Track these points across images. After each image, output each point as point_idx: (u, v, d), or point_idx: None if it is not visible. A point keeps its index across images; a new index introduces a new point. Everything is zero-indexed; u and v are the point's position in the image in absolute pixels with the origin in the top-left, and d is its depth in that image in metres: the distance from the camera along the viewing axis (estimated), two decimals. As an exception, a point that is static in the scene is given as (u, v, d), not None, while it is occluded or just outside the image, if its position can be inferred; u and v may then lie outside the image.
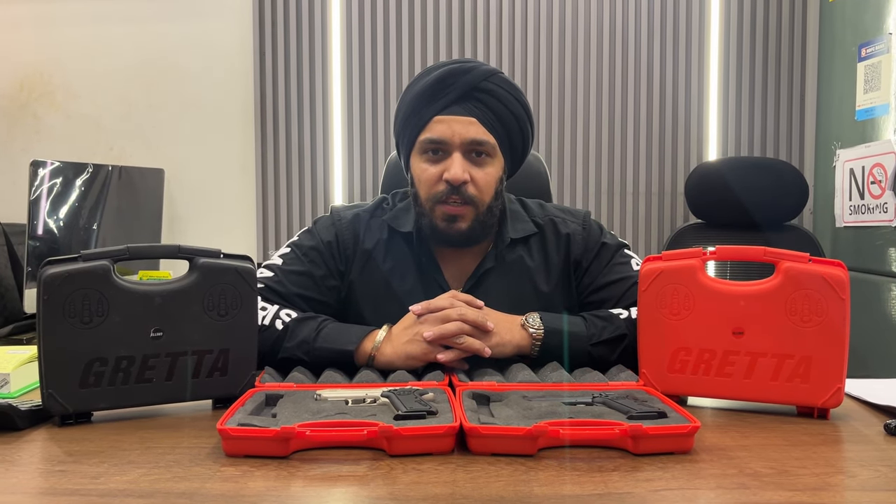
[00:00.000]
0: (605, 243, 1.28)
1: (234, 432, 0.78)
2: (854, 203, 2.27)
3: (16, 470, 0.76)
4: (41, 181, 1.89)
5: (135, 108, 2.76)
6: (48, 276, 0.89)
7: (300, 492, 0.70)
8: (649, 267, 1.00)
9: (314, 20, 2.68)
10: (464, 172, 1.17)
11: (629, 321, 1.14)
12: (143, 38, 2.74)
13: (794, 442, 0.84)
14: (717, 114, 2.66)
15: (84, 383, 0.90)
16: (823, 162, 2.51)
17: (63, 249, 1.94)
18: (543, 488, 0.70)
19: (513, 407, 0.89)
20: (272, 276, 1.22)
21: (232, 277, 0.98)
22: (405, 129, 1.23)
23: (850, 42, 2.32)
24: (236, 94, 2.73)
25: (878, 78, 2.15)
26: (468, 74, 1.19)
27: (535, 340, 1.11)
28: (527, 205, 1.33)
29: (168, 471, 0.75)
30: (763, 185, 2.18)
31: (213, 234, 2.75)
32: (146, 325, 0.93)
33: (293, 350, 1.11)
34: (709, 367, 0.97)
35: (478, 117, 1.18)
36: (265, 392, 0.95)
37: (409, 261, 1.26)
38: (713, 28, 2.65)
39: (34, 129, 2.80)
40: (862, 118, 2.24)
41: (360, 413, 0.86)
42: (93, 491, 0.70)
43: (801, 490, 0.70)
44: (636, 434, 0.78)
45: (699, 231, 2.27)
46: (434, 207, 1.19)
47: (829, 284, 0.93)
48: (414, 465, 0.76)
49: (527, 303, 1.23)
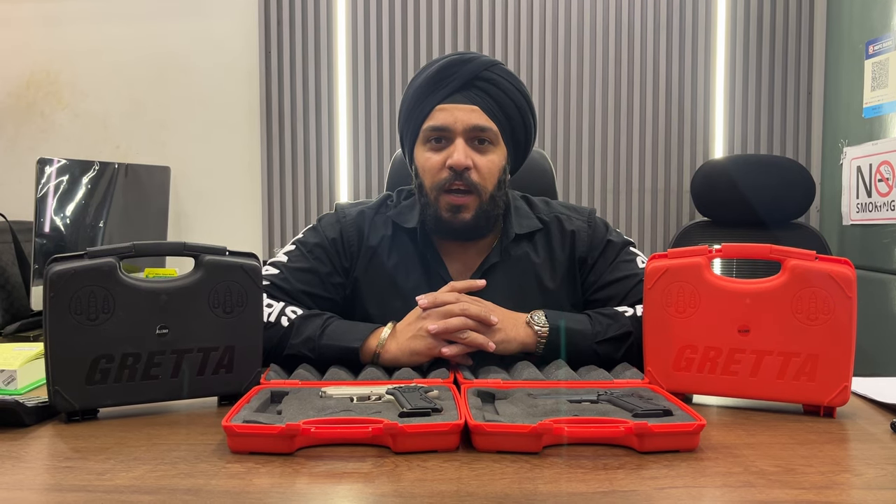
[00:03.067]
0: (610, 241, 1.27)
1: (239, 429, 0.78)
2: (861, 201, 2.26)
3: (22, 466, 0.76)
4: (48, 179, 1.89)
5: (141, 106, 2.77)
6: (54, 273, 0.89)
7: (305, 488, 0.70)
8: (655, 264, 1.00)
9: (320, 19, 2.68)
10: (466, 158, 1.17)
11: (634, 319, 1.14)
12: (150, 37, 2.75)
13: (800, 440, 0.84)
14: (723, 111, 2.65)
15: (90, 380, 0.91)
16: (830, 159, 2.50)
17: (69, 247, 1.95)
18: (548, 486, 0.70)
19: (518, 404, 0.89)
20: (277, 274, 1.22)
21: (237, 275, 0.98)
22: (409, 121, 1.24)
23: (858, 39, 2.31)
24: (242, 93, 2.74)
25: (886, 75, 2.14)
26: (470, 64, 1.20)
27: (541, 338, 1.11)
28: (532, 202, 1.33)
29: (174, 467, 0.75)
30: (769, 183, 2.17)
31: (219, 232, 2.76)
32: (152, 323, 0.93)
33: (298, 347, 1.11)
34: (714, 365, 0.97)
35: (480, 105, 1.19)
36: (270, 389, 0.96)
37: (414, 257, 1.26)
38: (720, 25, 2.64)
39: (41, 126, 2.81)
40: (869, 115, 2.23)
41: (365, 410, 0.86)
42: (99, 487, 0.70)
43: (807, 488, 0.69)
44: (641, 432, 0.78)
45: (705, 229, 2.26)
46: (439, 197, 1.20)
47: (836, 282, 0.93)
48: (419, 463, 0.76)
49: (531, 299, 1.23)
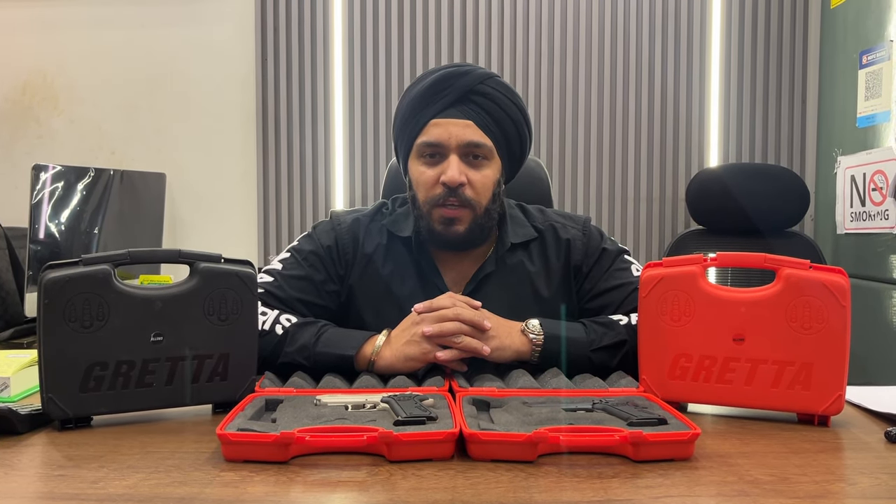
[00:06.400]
0: (605, 249, 1.28)
1: (233, 437, 0.78)
2: (855, 210, 2.27)
3: (15, 474, 0.76)
4: (43, 185, 1.89)
5: (137, 112, 2.77)
6: (49, 280, 0.89)
7: (299, 497, 0.70)
8: (650, 273, 1.00)
9: (316, 26, 2.68)
10: (460, 174, 1.17)
11: (629, 327, 1.14)
12: (146, 43, 2.75)
13: (794, 449, 0.84)
14: (718, 120, 2.66)
15: (84, 387, 0.90)
16: (824, 169, 2.51)
17: (64, 253, 1.94)
18: (543, 495, 0.70)
19: (513, 413, 0.89)
20: (272, 281, 1.22)
21: (232, 282, 0.98)
22: (403, 133, 1.24)
23: (852, 49, 2.32)
24: (238, 100, 2.74)
25: (880, 85, 2.15)
26: (465, 77, 1.19)
27: (536, 346, 1.11)
28: (527, 210, 1.33)
29: (168, 475, 0.74)
30: (764, 192, 2.18)
31: (215, 239, 2.75)
32: (146, 330, 0.93)
33: (293, 355, 1.11)
34: (709, 374, 0.97)
35: (474, 120, 1.18)
36: (265, 397, 0.95)
37: (409, 265, 1.26)
38: (714, 35, 2.65)
39: (36, 133, 2.80)
40: (863, 125, 2.24)
41: (359, 418, 0.86)
42: (92, 496, 0.70)
43: (801, 498, 0.69)
44: (636, 441, 0.78)
45: (700, 237, 2.27)
46: (432, 211, 1.20)
47: (830, 291, 0.93)
48: (414, 471, 0.76)
49: (527, 307, 1.23)
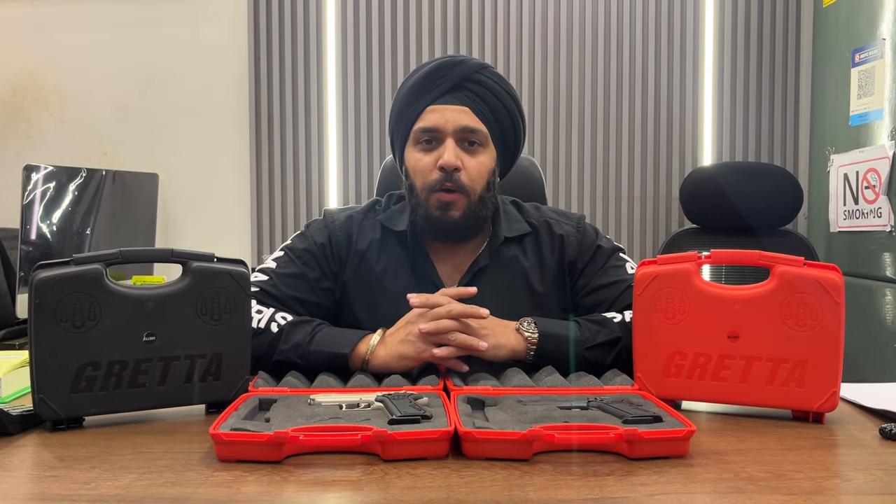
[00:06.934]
0: (599, 246, 1.28)
1: (227, 437, 0.78)
2: (848, 208, 2.28)
3: (6, 475, 0.75)
4: (34, 185, 1.88)
5: (129, 112, 2.76)
6: (39, 280, 0.88)
7: (293, 497, 0.70)
8: (644, 271, 1.00)
9: (309, 25, 2.68)
10: (456, 158, 1.18)
11: (623, 325, 1.14)
12: (138, 43, 2.74)
13: (789, 446, 0.84)
14: (711, 119, 2.67)
15: (76, 388, 0.89)
16: (818, 167, 2.52)
17: (56, 254, 1.93)
18: (538, 493, 0.69)
19: (508, 411, 0.89)
20: (266, 280, 1.22)
21: (225, 281, 0.97)
22: (399, 123, 1.25)
23: (844, 47, 2.33)
24: (231, 99, 2.73)
25: (872, 83, 2.16)
26: (460, 66, 1.22)
27: (531, 344, 1.11)
28: (522, 206, 1.34)
29: (160, 476, 0.74)
30: (758, 190, 2.19)
31: (208, 239, 2.74)
32: (139, 330, 0.92)
33: (288, 353, 1.11)
34: (704, 371, 0.97)
35: (470, 106, 1.21)
36: (258, 396, 0.95)
37: (403, 260, 1.26)
38: (708, 33, 2.66)
39: (27, 133, 2.79)
40: (856, 123, 2.25)
41: (354, 418, 0.86)
42: (84, 496, 0.69)
43: (796, 494, 0.69)
44: (631, 438, 0.78)
45: (694, 236, 2.28)
46: (429, 197, 1.20)
47: (824, 288, 0.93)
48: (408, 470, 0.75)
49: (521, 302, 1.23)
